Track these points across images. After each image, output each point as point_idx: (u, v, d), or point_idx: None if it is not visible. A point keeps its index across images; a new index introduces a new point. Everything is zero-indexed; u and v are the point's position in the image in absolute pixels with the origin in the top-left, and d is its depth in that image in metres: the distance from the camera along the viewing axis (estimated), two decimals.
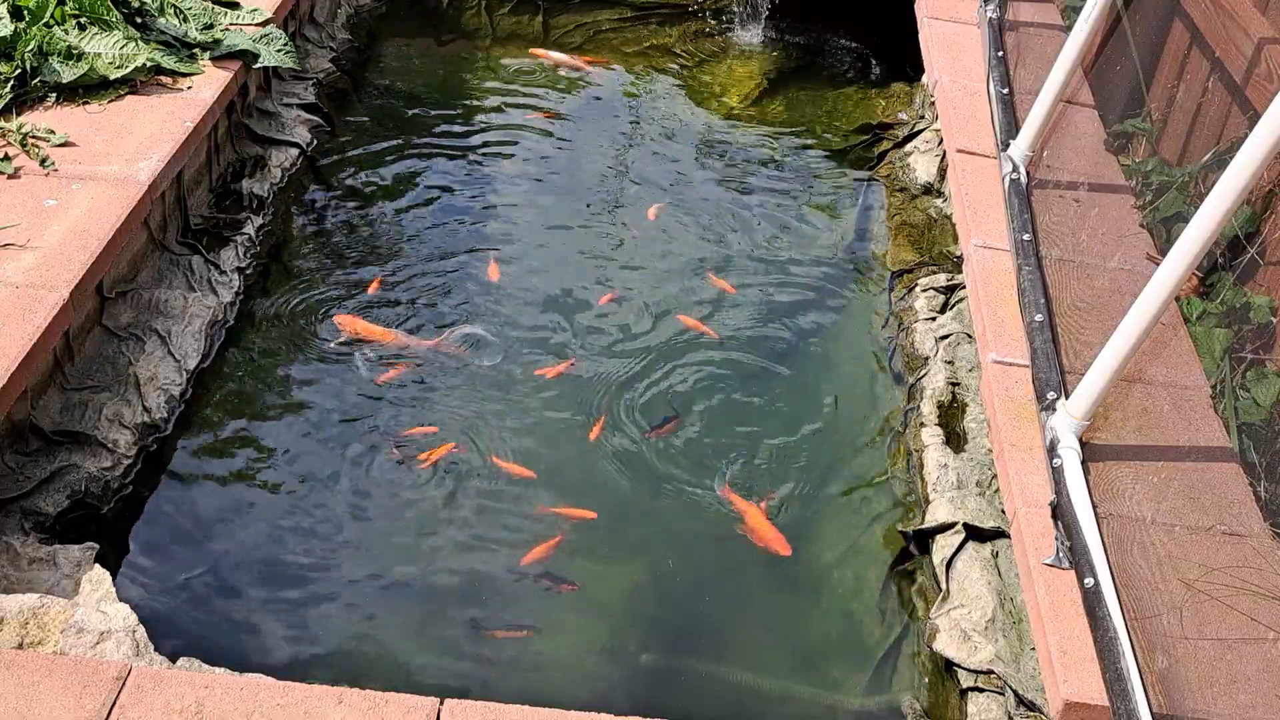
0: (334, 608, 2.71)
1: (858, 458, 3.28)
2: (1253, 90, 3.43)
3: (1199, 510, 2.67)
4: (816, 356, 3.69)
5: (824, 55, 5.47)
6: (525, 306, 3.69)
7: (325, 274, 3.74)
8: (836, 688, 2.68)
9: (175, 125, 3.58)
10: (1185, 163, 3.77)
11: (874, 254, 4.17)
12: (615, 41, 5.44)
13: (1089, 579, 2.38)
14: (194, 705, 2.15)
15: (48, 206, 3.18)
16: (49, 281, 2.92)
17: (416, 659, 2.63)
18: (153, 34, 3.93)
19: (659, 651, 2.72)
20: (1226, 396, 3.00)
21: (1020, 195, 3.63)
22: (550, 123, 4.75)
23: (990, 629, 2.60)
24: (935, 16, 4.97)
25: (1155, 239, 3.59)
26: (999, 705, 2.48)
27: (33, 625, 2.35)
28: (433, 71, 5.07)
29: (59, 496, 2.74)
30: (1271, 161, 2.33)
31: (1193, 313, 3.27)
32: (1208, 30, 3.78)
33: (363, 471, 3.06)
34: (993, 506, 2.89)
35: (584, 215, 4.21)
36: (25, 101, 3.62)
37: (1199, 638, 2.35)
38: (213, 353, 3.32)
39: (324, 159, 4.30)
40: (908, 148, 4.55)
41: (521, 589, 2.82)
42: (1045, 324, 3.09)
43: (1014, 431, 2.93)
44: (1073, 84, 3.90)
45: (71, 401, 2.94)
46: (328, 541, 2.87)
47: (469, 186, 4.28)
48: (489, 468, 3.11)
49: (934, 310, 3.66)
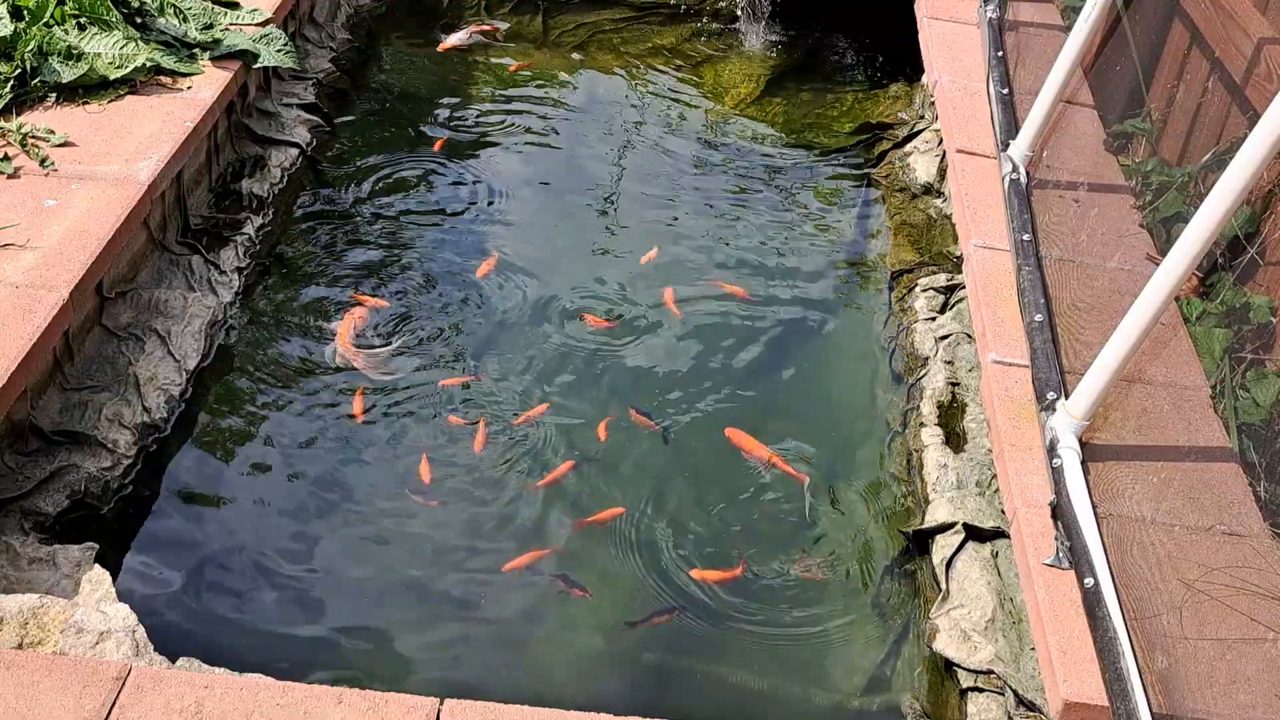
0: (334, 608, 2.71)
1: (858, 458, 3.28)
2: (1253, 90, 3.43)
3: (1199, 510, 2.67)
4: (816, 356, 3.69)
5: (824, 55, 5.47)
6: (524, 306, 3.69)
7: (325, 274, 3.74)
8: (836, 688, 2.68)
9: (175, 125, 3.58)
10: (1185, 163, 3.77)
11: (874, 254, 4.17)
12: (615, 41, 5.43)
13: (1089, 579, 2.38)
14: (194, 705, 2.15)
15: (47, 206, 3.18)
16: (49, 281, 2.92)
17: (416, 659, 2.63)
18: (153, 34, 3.93)
19: (659, 651, 2.72)
20: (1226, 396, 3.00)
21: (1020, 195, 3.63)
22: (550, 123, 4.75)
23: (990, 629, 2.60)
24: (935, 16, 4.97)
25: (1155, 239, 3.59)
26: (999, 705, 2.49)
27: (33, 625, 2.35)
28: (432, 71, 5.07)
29: (59, 496, 2.74)
30: (1271, 161, 2.33)
31: (1193, 313, 3.27)
32: (1208, 30, 3.78)
33: (363, 471, 3.06)
34: (993, 506, 2.89)
35: (583, 215, 4.20)
36: (25, 101, 3.62)
37: (1199, 638, 2.35)
38: (213, 353, 3.32)
39: (324, 159, 4.30)
40: (907, 148, 4.55)
41: (522, 589, 2.82)
42: (1045, 324, 3.09)
43: (1014, 431, 2.93)
44: (1073, 84, 3.90)
45: (71, 401, 2.94)
46: (328, 541, 2.87)
47: (468, 186, 4.28)
48: (491, 467, 3.11)
49: (934, 310, 3.66)
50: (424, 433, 3.20)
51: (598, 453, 3.20)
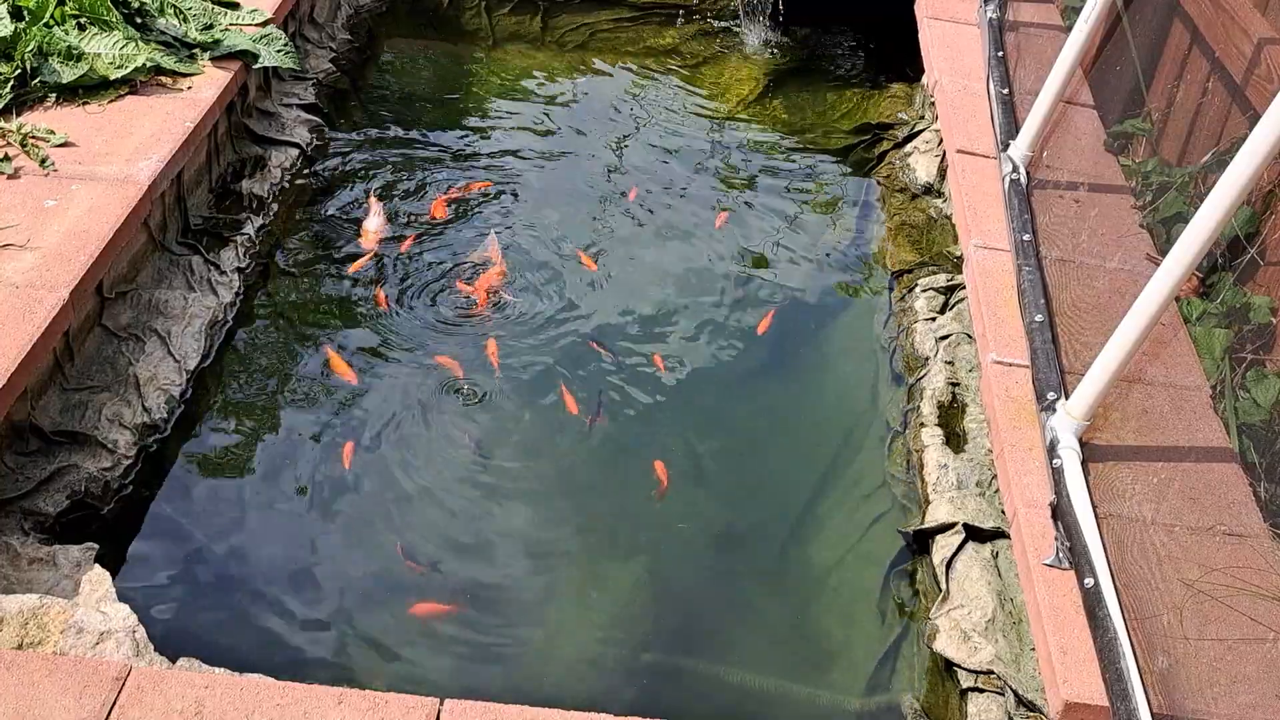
0: (334, 608, 2.71)
1: (858, 458, 3.28)
2: (1253, 90, 3.43)
3: (1199, 511, 2.67)
4: (816, 356, 3.69)
5: (824, 56, 5.47)
6: (522, 304, 3.69)
7: (325, 274, 3.74)
8: (836, 688, 2.68)
9: (175, 125, 3.58)
10: (1185, 163, 3.77)
11: (874, 254, 4.17)
12: (615, 41, 5.44)
13: (1089, 579, 2.38)
14: (194, 705, 2.15)
15: (47, 207, 3.18)
16: (49, 282, 2.92)
17: (416, 659, 2.63)
18: (153, 34, 3.93)
19: (659, 651, 2.72)
20: (1226, 397, 3.00)
21: (1020, 195, 3.63)
22: (550, 123, 4.75)
23: (990, 629, 2.60)
24: (935, 16, 4.97)
25: (1155, 239, 3.59)
26: (999, 706, 2.48)
27: (33, 625, 2.35)
28: (433, 71, 5.07)
29: (59, 497, 2.74)
30: (1271, 161, 2.33)
31: (1193, 313, 3.27)
32: (1208, 30, 3.78)
33: (363, 471, 3.06)
34: (993, 507, 2.89)
35: (583, 215, 4.20)
36: (25, 102, 3.62)
37: (1199, 638, 2.35)
38: (213, 353, 3.32)
39: (324, 159, 4.30)
40: (907, 148, 4.55)
41: (522, 589, 2.82)
42: (1045, 324, 3.09)
43: (1014, 431, 2.93)
44: (1073, 84, 3.90)
45: (71, 402, 2.94)
46: (328, 541, 2.87)
47: (468, 187, 4.28)
48: (492, 467, 3.11)
49: (934, 310, 3.66)
50: (424, 433, 3.20)
51: (584, 454, 3.19)
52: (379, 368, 3.39)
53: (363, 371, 3.36)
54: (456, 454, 3.14)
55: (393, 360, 3.42)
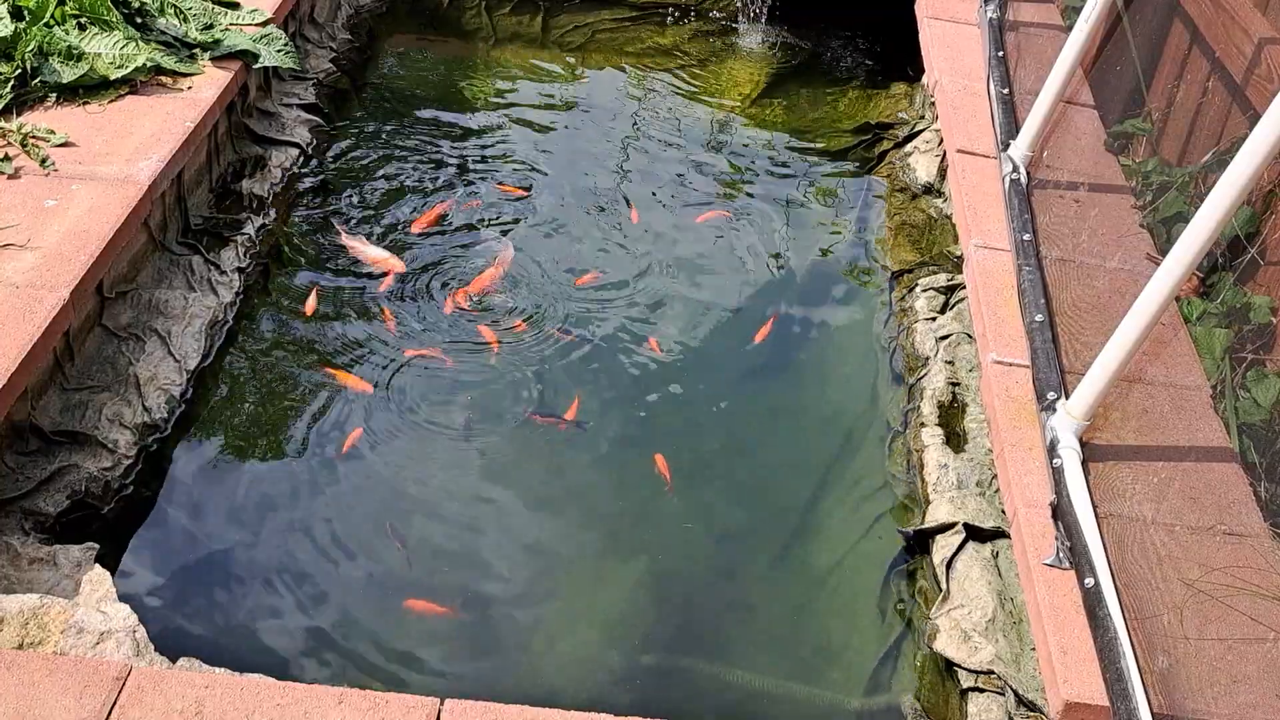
0: (335, 608, 2.71)
1: (858, 457, 3.28)
2: (1253, 90, 3.43)
3: (1199, 510, 2.67)
4: (816, 356, 3.69)
5: (824, 55, 5.47)
6: (521, 304, 3.69)
7: (326, 274, 3.74)
8: (836, 688, 2.68)
9: (175, 125, 3.58)
10: (1185, 163, 3.77)
11: (874, 254, 4.17)
12: (615, 41, 5.44)
13: (1089, 579, 2.38)
14: (194, 705, 2.15)
15: (48, 206, 3.18)
16: (49, 281, 2.92)
17: (416, 659, 2.63)
18: (153, 34, 3.93)
19: (659, 651, 2.72)
20: (1227, 397, 3.00)
21: (1020, 195, 3.63)
22: (550, 123, 4.75)
23: (990, 629, 2.60)
24: (935, 16, 4.97)
25: (1155, 239, 3.59)
26: (999, 706, 2.48)
27: (33, 625, 2.35)
28: (433, 71, 5.07)
29: (59, 497, 2.74)
30: (1271, 161, 2.33)
31: (1193, 313, 3.27)
32: (1208, 30, 3.78)
33: (363, 470, 3.06)
34: (993, 506, 2.89)
35: (584, 215, 4.20)
36: (25, 102, 3.62)
37: (1199, 638, 2.35)
38: (213, 353, 3.32)
39: (324, 159, 4.30)
40: (908, 148, 4.55)
41: (522, 589, 2.82)
42: (1045, 324, 3.09)
43: (1014, 431, 2.93)
44: (1073, 84, 3.90)
45: (71, 401, 2.95)
46: (328, 541, 2.87)
47: (468, 187, 4.28)
48: (493, 468, 3.11)
49: (934, 310, 3.66)
50: (425, 432, 3.20)
51: (583, 454, 3.19)
52: (379, 368, 3.39)
53: (363, 372, 3.37)
54: (457, 453, 3.15)
55: (393, 360, 3.42)
